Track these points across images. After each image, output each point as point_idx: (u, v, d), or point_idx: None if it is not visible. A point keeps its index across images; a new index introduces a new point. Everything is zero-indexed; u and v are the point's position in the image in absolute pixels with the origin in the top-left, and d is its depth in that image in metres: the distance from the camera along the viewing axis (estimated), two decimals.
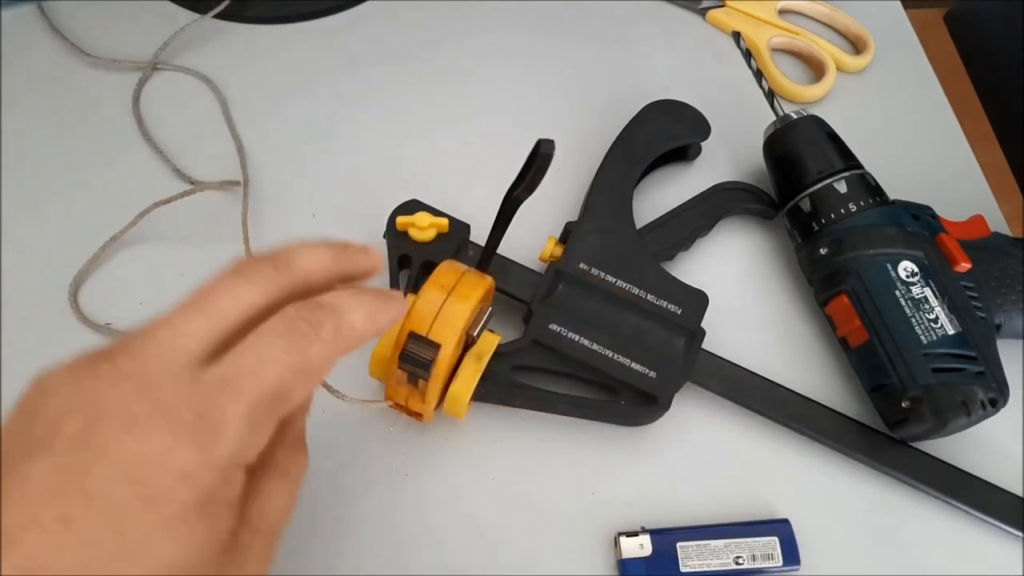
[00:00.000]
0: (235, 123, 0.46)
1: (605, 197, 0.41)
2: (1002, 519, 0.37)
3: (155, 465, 0.22)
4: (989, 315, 0.39)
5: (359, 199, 0.44)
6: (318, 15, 0.51)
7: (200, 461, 0.22)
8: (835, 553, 0.37)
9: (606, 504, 0.37)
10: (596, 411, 0.38)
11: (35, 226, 0.42)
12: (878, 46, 0.52)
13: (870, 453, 0.38)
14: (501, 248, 0.35)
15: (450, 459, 0.38)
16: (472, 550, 0.36)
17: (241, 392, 0.23)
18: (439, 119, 0.48)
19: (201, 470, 0.22)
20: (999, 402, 0.36)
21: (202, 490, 0.22)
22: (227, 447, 0.22)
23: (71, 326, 0.39)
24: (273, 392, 0.23)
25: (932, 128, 0.50)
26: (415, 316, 0.33)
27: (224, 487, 0.23)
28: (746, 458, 0.39)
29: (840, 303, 0.39)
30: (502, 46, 0.51)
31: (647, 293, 0.39)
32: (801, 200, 0.41)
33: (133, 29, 0.49)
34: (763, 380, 0.39)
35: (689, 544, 0.35)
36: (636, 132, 0.43)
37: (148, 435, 0.22)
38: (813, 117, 0.43)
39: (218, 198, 0.43)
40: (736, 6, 0.53)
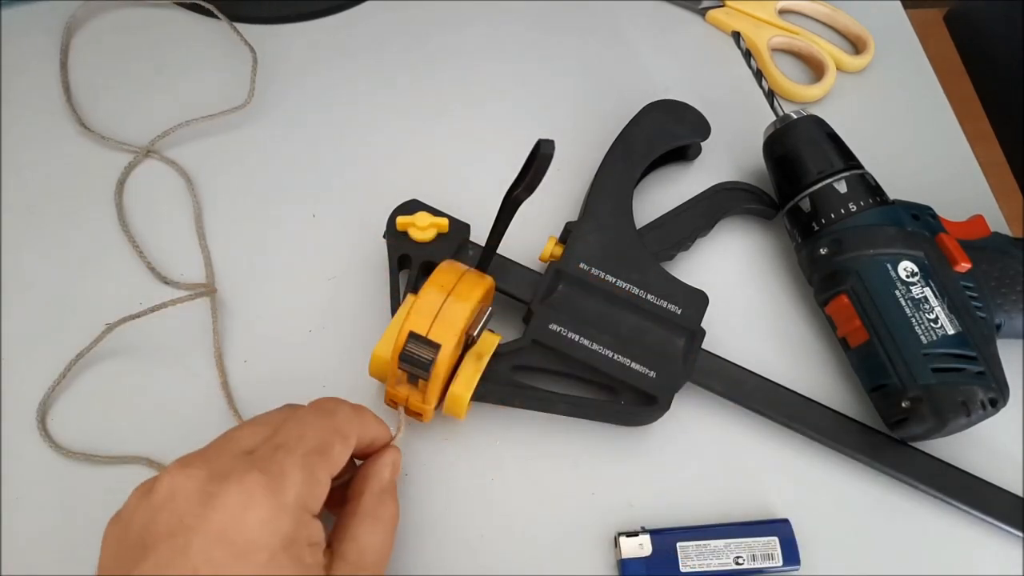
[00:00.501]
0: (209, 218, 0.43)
1: (605, 197, 0.41)
2: (1002, 519, 0.37)
3: (238, 523, 0.25)
4: (989, 315, 0.39)
5: (359, 199, 0.44)
6: (318, 15, 0.51)
7: (274, 507, 0.26)
8: (835, 553, 0.37)
9: (606, 504, 0.37)
10: (596, 411, 0.38)
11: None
12: (878, 46, 0.52)
13: (870, 453, 0.38)
14: (501, 248, 0.35)
15: (450, 459, 0.38)
16: (472, 550, 0.36)
17: (291, 449, 0.27)
18: (439, 119, 0.48)
19: (277, 515, 0.26)
20: (999, 402, 0.36)
21: (283, 533, 0.26)
22: (292, 492, 0.26)
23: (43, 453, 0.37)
24: (316, 447, 0.28)
25: (932, 128, 0.50)
26: (415, 316, 0.33)
27: (300, 528, 0.26)
28: (746, 458, 0.39)
29: (840, 303, 0.39)
30: (502, 46, 0.51)
31: (647, 293, 0.39)
32: (801, 200, 0.41)
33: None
34: (763, 380, 0.39)
35: (689, 544, 0.35)
36: (636, 132, 0.43)
37: (225, 502, 0.25)
38: (813, 117, 0.43)
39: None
40: (736, 6, 0.53)
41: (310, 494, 0.27)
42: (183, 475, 0.26)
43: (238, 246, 0.43)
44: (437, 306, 0.33)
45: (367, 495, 0.31)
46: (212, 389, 0.38)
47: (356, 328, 0.40)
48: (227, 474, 0.26)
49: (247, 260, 0.42)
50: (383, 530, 0.30)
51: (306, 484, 0.27)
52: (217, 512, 0.25)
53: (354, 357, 0.39)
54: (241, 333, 0.40)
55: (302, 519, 0.27)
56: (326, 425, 0.29)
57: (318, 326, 0.41)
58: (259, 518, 0.25)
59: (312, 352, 0.40)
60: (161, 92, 0.47)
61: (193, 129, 0.45)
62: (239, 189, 0.44)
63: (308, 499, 0.27)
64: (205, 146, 0.46)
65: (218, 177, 0.45)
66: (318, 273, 0.42)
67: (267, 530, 0.25)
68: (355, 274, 0.42)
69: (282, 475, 0.26)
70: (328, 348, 0.40)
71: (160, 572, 0.25)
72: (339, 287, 0.42)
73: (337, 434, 0.29)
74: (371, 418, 0.32)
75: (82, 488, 0.36)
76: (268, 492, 0.26)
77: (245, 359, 0.39)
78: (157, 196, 0.44)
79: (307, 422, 0.29)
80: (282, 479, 0.26)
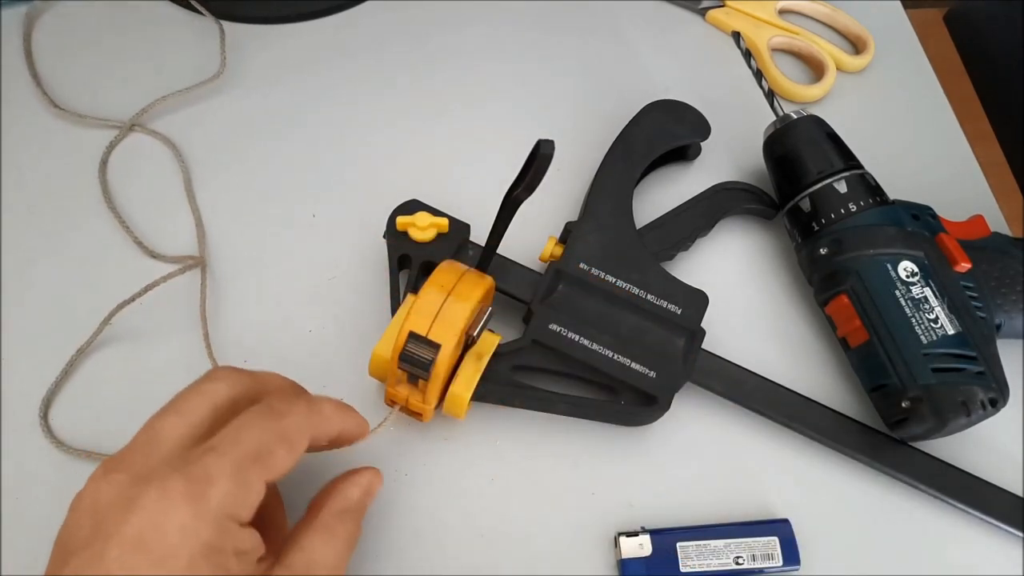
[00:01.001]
0: (198, 188, 0.44)
1: (605, 197, 0.41)
2: (1002, 519, 0.37)
3: (156, 530, 0.24)
4: (989, 315, 0.39)
5: (359, 199, 0.44)
6: (318, 15, 0.51)
7: (193, 514, 0.25)
8: (835, 553, 0.37)
9: (606, 504, 0.37)
10: (596, 411, 0.38)
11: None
12: (878, 46, 0.52)
13: (870, 453, 0.38)
14: (501, 248, 0.35)
15: (450, 459, 0.38)
16: (472, 550, 0.36)
17: (224, 453, 0.26)
18: (439, 119, 0.48)
19: (197, 523, 0.25)
20: (999, 402, 0.36)
21: (203, 541, 0.25)
22: (216, 500, 0.25)
23: (46, 450, 0.36)
24: (254, 452, 0.26)
25: (932, 128, 0.50)
26: (415, 316, 0.33)
27: (224, 536, 0.25)
28: (746, 458, 0.39)
29: (840, 303, 0.39)
30: (502, 46, 0.51)
31: (647, 293, 0.39)
32: (801, 200, 0.41)
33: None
34: (763, 380, 0.39)
35: (689, 544, 0.35)
36: (636, 132, 0.43)
37: (144, 507, 0.25)
38: (813, 117, 0.43)
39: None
40: (736, 6, 0.53)
41: (237, 502, 0.26)
42: (104, 481, 0.26)
43: (238, 247, 0.43)
44: (437, 306, 0.33)
45: (327, 510, 0.30)
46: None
47: (356, 328, 0.40)
48: (149, 478, 0.25)
49: (248, 260, 0.42)
50: (337, 547, 0.29)
51: (234, 491, 0.26)
52: (136, 516, 0.24)
53: (354, 357, 0.39)
54: (241, 333, 0.40)
55: (226, 527, 0.25)
56: (270, 428, 0.27)
57: (318, 326, 0.41)
58: (178, 525, 0.24)
59: (312, 352, 0.40)
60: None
61: (177, 104, 0.46)
62: (239, 190, 0.44)
63: (235, 507, 0.26)
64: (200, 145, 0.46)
65: (218, 178, 0.45)
66: (318, 273, 0.42)
67: (186, 537, 0.24)
68: (355, 274, 0.42)
69: (207, 480, 0.25)
70: (328, 348, 0.40)
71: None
72: (339, 287, 0.42)
73: (282, 440, 0.27)
74: (334, 413, 0.30)
75: None
76: (189, 498, 0.25)
77: (245, 359, 0.39)
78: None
79: (249, 424, 0.27)
80: (206, 485, 0.25)
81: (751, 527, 0.36)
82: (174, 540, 0.24)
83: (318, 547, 0.28)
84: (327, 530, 0.29)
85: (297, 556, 0.28)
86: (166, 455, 0.26)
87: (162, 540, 0.24)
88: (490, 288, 0.36)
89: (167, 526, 0.24)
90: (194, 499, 0.25)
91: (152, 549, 0.24)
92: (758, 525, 0.36)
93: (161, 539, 0.24)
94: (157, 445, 0.27)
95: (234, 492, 0.26)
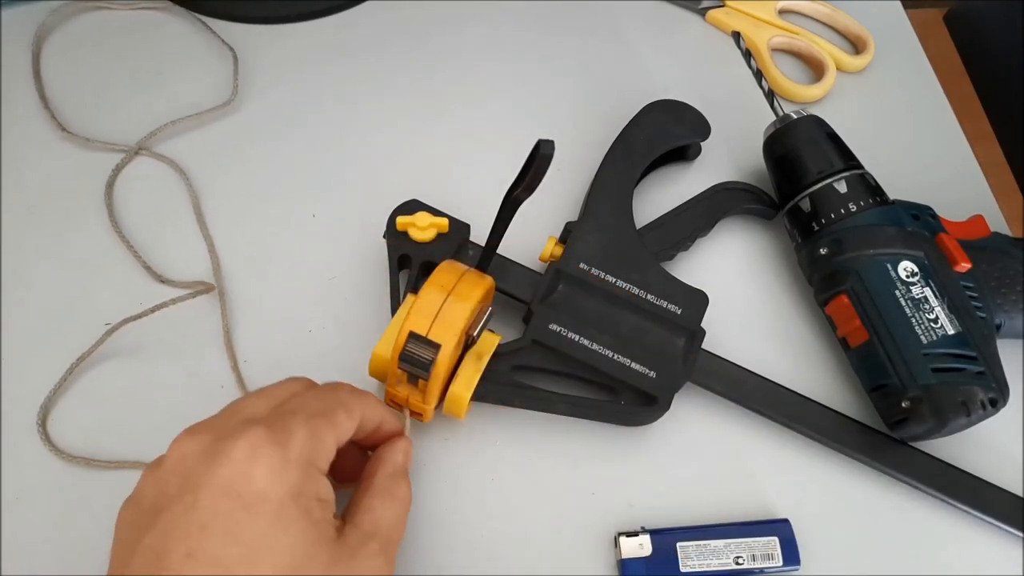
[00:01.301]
0: (208, 215, 0.43)
1: (605, 197, 0.41)
2: (1002, 519, 0.37)
3: (245, 476, 0.26)
4: (989, 315, 0.39)
5: (359, 199, 0.44)
6: (318, 15, 0.51)
7: (281, 459, 0.26)
8: (835, 553, 0.37)
9: (606, 504, 0.37)
10: (596, 411, 0.38)
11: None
12: (878, 46, 0.52)
13: (870, 453, 0.38)
14: (501, 248, 0.35)
15: (450, 459, 0.38)
16: (472, 550, 0.36)
17: (296, 412, 0.28)
18: (439, 119, 0.48)
19: (284, 467, 0.26)
20: (999, 402, 0.36)
21: (290, 484, 0.26)
22: (297, 447, 0.27)
23: (43, 457, 0.36)
24: (321, 412, 0.29)
25: (932, 128, 0.50)
26: (415, 316, 0.33)
27: (308, 481, 0.27)
28: (746, 458, 0.39)
29: (840, 303, 0.39)
30: (502, 46, 0.51)
31: (647, 293, 0.39)
32: (801, 200, 0.41)
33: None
34: (763, 380, 0.39)
35: (689, 544, 0.35)
36: (636, 132, 0.43)
37: (231, 456, 0.26)
38: (813, 117, 0.43)
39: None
40: (736, 6, 0.53)
41: (316, 451, 0.27)
42: (190, 441, 0.27)
43: (238, 247, 0.43)
44: (437, 306, 0.33)
45: (380, 474, 0.31)
46: (212, 390, 0.38)
47: (356, 328, 0.40)
48: (233, 434, 0.26)
49: (247, 260, 0.42)
50: (397, 507, 0.31)
51: (311, 442, 0.27)
52: (223, 467, 0.26)
53: (354, 357, 0.39)
54: (241, 333, 0.40)
55: (309, 472, 0.27)
56: (331, 396, 0.30)
57: (318, 326, 0.41)
58: (265, 470, 0.26)
59: (312, 352, 0.40)
60: (145, 93, 0.47)
61: (184, 128, 0.45)
62: (239, 190, 0.44)
63: (314, 455, 0.27)
64: (202, 147, 0.45)
65: (217, 179, 0.45)
66: (318, 273, 0.42)
67: (274, 481, 0.26)
68: (355, 274, 0.42)
69: (287, 431, 0.27)
70: (328, 348, 0.40)
71: (170, 531, 0.25)
72: (339, 287, 0.42)
73: (341, 405, 0.30)
74: (377, 402, 0.32)
75: (82, 492, 0.36)
76: (274, 445, 0.26)
77: (245, 359, 0.39)
78: (151, 195, 0.44)
79: (312, 394, 0.30)
80: (287, 434, 0.27)
81: (751, 527, 0.36)
82: (263, 484, 0.25)
83: (380, 508, 0.30)
84: (386, 492, 0.31)
85: (364, 517, 0.29)
86: (247, 416, 0.28)
87: (251, 485, 0.25)
88: (490, 288, 0.36)
89: (254, 472, 0.26)
90: (279, 445, 0.26)
91: (242, 494, 0.25)
92: (758, 525, 0.36)
93: (250, 484, 0.25)
94: (237, 416, 0.28)
95: (312, 442, 0.27)
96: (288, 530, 0.26)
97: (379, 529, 0.29)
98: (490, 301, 0.37)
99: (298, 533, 0.26)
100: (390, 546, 0.29)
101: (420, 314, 0.33)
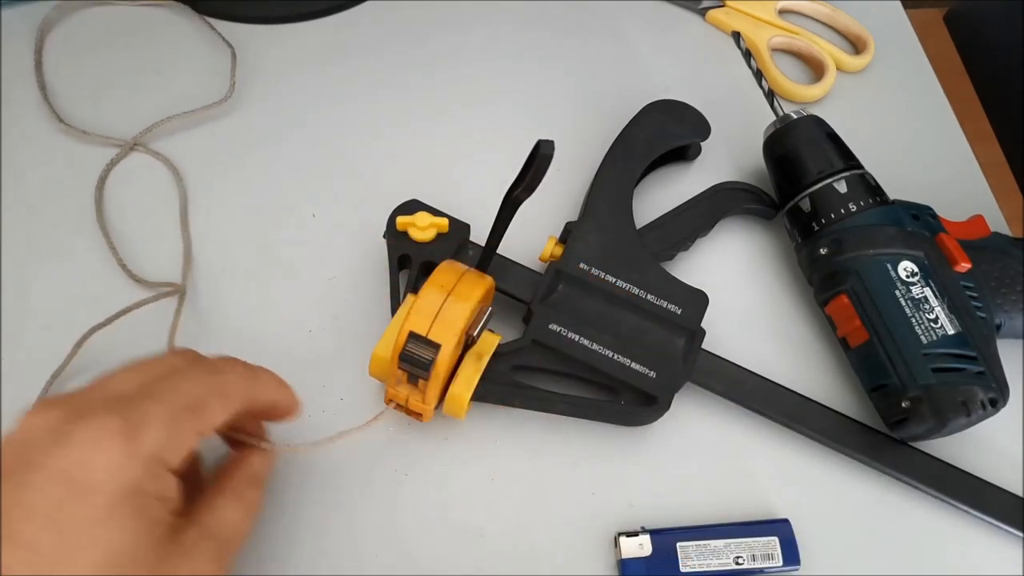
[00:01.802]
0: (195, 200, 0.44)
1: (605, 197, 0.41)
2: (1002, 519, 0.37)
3: (84, 464, 0.24)
4: (989, 315, 0.39)
5: (359, 199, 0.44)
6: (318, 15, 0.51)
7: (125, 453, 0.25)
8: (835, 553, 0.37)
9: (606, 504, 0.37)
10: (596, 411, 0.38)
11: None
12: (878, 46, 0.52)
13: (870, 453, 0.38)
14: (501, 248, 0.35)
15: (450, 459, 0.38)
16: (472, 550, 0.36)
17: (162, 400, 0.26)
18: (439, 119, 0.48)
19: (127, 462, 0.25)
20: (999, 402, 0.36)
21: (129, 480, 0.25)
22: (149, 442, 0.25)
23: None
24: (190, 403, 0.27)
25: (932, 128, 0.50)
26: (415, 316, 0.33)
27: (152, 480, 0.26)
28: (746, 458, 0.39)
29: (840, 303, 0.39)
30: (502, 47, 0.51)
31: (647, 293, 0.39)
32: (801, 200, 0.41)
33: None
34: (763, 380, 0.39)
35: (689, 544, 0.35)
36: (636, 132, 0.43)
37: (75, 441, 0.25)
38: (813, 117, 0.43)
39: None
40: (736, 6, 0.53)
41: (169, 448, 0.26)
42: (40, 415, 0.26)
43: (238, 246, 0.43)
44: (437, 306, 0.33)
45: (236, 477, 0.30)
46: None
47: (356, 328, 0.40)
48: (84, 414, 0.25)
49: (247, 260, 0.42)
50: (244, 511, 0.30)
51: (167, 437, 0.26)
52: (63, 450, 0.25)
53: (354, 357, 0.39)
54: (240, 332, 0.40)
55: (154, 471, 0.26)
56: (208, 383, 0.28)
57: (318, 326, 0.41)
58: (106, 461, 0.25)
59: (312, 352, 0.40)
60: (144, 90, 0.47)
61: (182, 126, 0.45)
62: (235, 190, 0.44)
63: (166, 452, 0.26)
64: (199, 145, 0.45)
65: (214, 177, 0.45)
66: (318, 273, 0.42)
67: (112, 474, 0.25)
68: (355, 274, 0.42)
69: (142, 423, 0.25)
70: (328, 348, 0.40)
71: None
72: (339, 287, 0.42)
73: (218, 394, 0.28)
74: (270, 382, 0.31)
75: None
76: (122, 437, 0.25)
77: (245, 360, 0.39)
78: (143, 192, 0.44)
79: (187, 375, 0.28)
80: (140, 426, 0.25)
81: (751, 527, 0.36)
82: (100, 476, 0.24)
83: (228, 510, 0.29)
84: (236, 495, 0.30)
85: (208, 516, 0.28)
86: (107, 398, 0.27)
87: (88, 475, 0.24)
88: (490, 288, 0.36)
89: (95, 462, 0.25)
90: (127, 438, 0.25)
91: (76, 482, 0.24)
92: (758, 525, 0.36)
93: (87, 474, 0.24)
94: (102, 391, 0.27)
95: (167, 438, 0.26)
96: (115, 527, 0.25)
97: (220, 531, 0.28)
98: (490, 301, 0.37)
99: (125, 531, 0.25)
100: (227, 550, 0.29)
101: (420, 314, 0.33)
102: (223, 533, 0.28)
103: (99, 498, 0.24)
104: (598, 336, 0.37)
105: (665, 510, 0.37)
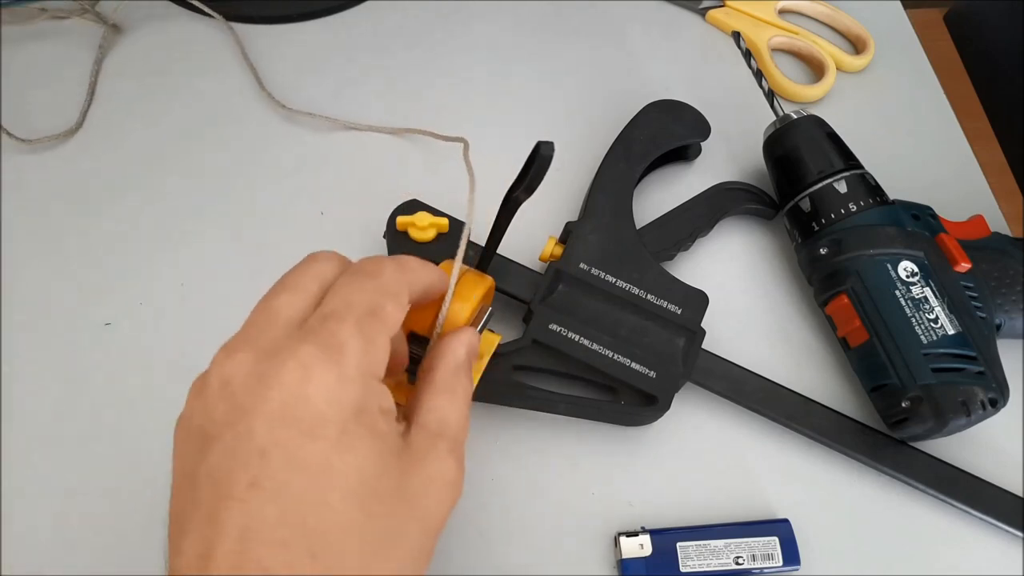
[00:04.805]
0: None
1: (605, 197, 0.41)
2: (1002, 519, 0.37)
3: (300, 400, 0.24)
4: (989, 315, 0.39)
5: (358, 199, 0.44)
6: (318, 15, 0.51)
7: (336, 377, 0.24)
8: (835, 553, 0.37)
9: (606, 504, 0.37)
10: (596, 411, 0.38)
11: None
12: (878, 46, 0.52)
13: (870, 453, 0.38)
14: (501, 248, 0.35)
15: None
16: (472, 550, 0.36)
17: (342, 317, 0.25)
18: (439, 119, 0.48)
19: (342, 385, 0.24)
20: (999, 402, 0.36)
21: (351, 402, 0.24)
22: (353, 360, 0.25)
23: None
24: (368, 309, 0.26)
25: (932, 128, 0.50)
26: (415, 316, 0.33)
27: (369, 395, 0.25)
28: (746, 458, 0.39)
29: (840, 303, 0.39)
30: (502, 47, 0.51)
31: (647, 293, 0.39)
32: (801, 200, 0.41)
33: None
34: (763, 380, 0.39)
35: (689, 544, 0.35)
36: (636, 132, 0.43)
37: (282, 380, 0.24)
38: (813, 117, 0.43)
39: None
40: (736, 6, 0.53)
41: (372, 360, 0.25)
42: (230, 362, 0.25)
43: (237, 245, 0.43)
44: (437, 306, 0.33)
45: (442, 370, 0.29)
46: None
47: None
48: (277, 351, 0.24)
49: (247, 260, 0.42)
50: (460, 404, 0.29)
51: (366, 350, 0.25)
52: (274, 391, 0.24)
53: None
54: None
55: (369, 385, 0.25)
56: (373, 287, 0.27)
57: None
58: (322, 391, 0.24)
59: None
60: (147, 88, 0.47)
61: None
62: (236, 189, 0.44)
63: (371, 365, 0.25)
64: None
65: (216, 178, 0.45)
66: None
67: (332, 402, 0.24)
68: None
69: (337, 343, 0.25)
70: None
71: (227, 461, 0.23)
72: None
73: (387, 294, 0.27)
74: (417, 267, 0.30)
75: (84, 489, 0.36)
76: (327, 363, 0.24)
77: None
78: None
79: (352, 287, 0.27)
80: (340, 350, 0.24)
81: (751, 527, 0.36)
82: (321, 407, 0.24)
83: (445, 406, 0.28)
84: (448, 389, 0.29)
85: (430, 417, 0.28)
86: (286, 329, 0.26)
87: (309, 409, 0.24)
88: (490, 288, 0.36)
89: (311, 394, 0.24)
90: (331, 363, 0.24)
91: (301, 419, 0.23)
92: (758, 525, 0.36)
93: (308, 408, 0.24)
94: (275, 322, 0.26)
95: (364, 350, 0.25)
96: (354, 450, 0.24)
97: (447, 428, 0.28)
98: (490, 301, 0.37)
99: (365, 451, 0.24)
100: (458, 445, 0.28)
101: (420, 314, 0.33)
102: (448, 430, 0.28)
103: (330, 428, 0.24)
104: (598, 336, 0.38)
105: (665, 510, 0.37)
